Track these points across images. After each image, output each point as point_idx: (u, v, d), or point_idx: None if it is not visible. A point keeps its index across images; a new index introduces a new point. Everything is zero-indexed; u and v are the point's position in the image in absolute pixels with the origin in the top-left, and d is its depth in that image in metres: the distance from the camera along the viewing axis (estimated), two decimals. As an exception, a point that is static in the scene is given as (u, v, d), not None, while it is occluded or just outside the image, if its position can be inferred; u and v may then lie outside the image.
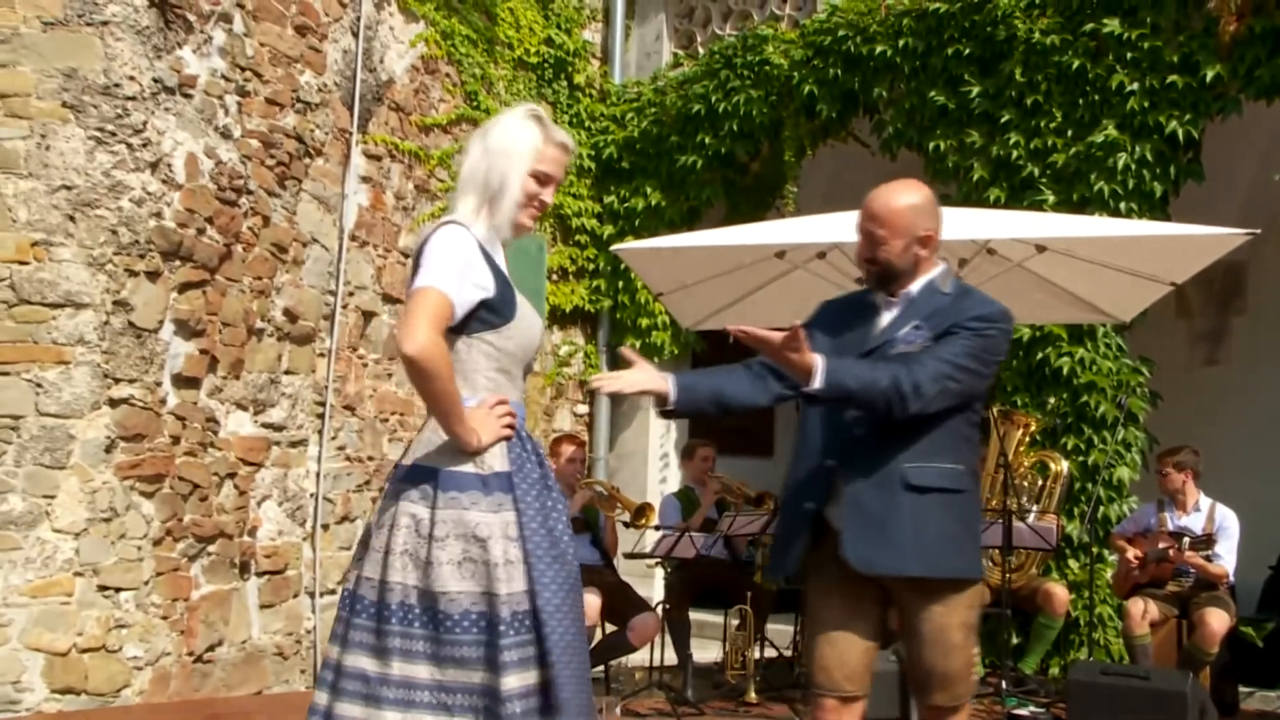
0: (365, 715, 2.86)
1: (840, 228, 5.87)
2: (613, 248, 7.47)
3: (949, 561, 3.28)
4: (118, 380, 6.31)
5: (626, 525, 6.99)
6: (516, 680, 2.79)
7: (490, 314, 2.97)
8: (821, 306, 3.69)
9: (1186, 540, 6.50)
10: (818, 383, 3.17)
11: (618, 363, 9.09)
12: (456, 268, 2.89)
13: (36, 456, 6.10)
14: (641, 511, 6.91)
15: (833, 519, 3.31)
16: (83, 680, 6.12)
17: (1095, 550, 7.29)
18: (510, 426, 2.96)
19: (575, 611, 2.93)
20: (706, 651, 7.50)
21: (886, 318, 3.47)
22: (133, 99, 6.35)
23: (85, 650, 6.15)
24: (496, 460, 2.92)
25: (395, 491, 2.97)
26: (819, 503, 3.36)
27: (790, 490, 3.49)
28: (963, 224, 6.06)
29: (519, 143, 2.98)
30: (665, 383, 3.32)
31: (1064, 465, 7.15)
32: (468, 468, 2.90)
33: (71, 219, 6.19)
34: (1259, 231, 6.03)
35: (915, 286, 3.46)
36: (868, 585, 3.32)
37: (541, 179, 2.98)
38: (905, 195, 3.43)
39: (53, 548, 6.11)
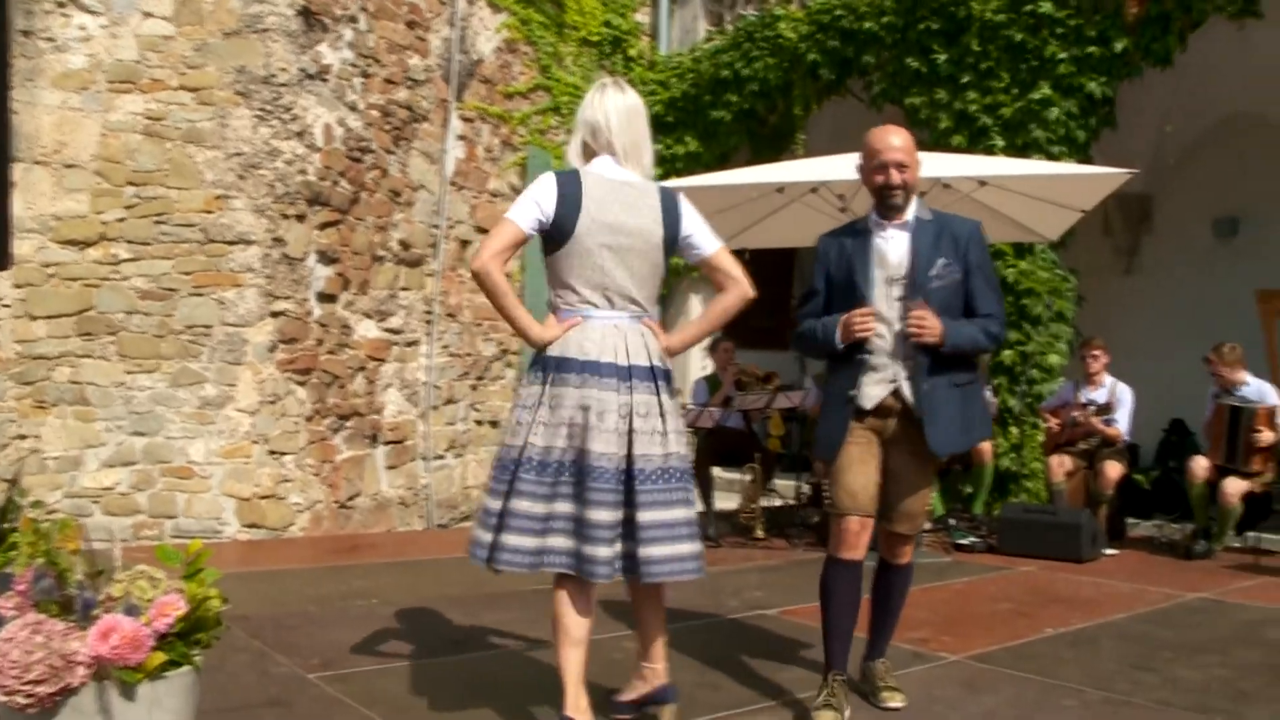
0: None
1: (824, 168, 6.57)
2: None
3: (970, 435, 3.64)
4: (276, 298, 7.25)
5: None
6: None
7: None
8: (823, 240, 3.72)
9: (1092, 409, 7.20)
10: (946, 347, 3.41)
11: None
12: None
13: (223, 355, 7.11)
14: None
15: (917, 410, 3.46)
16: (262, 518, 7.13)
17: (1029, 419, 8.06)
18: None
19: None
20: (727, 501, 8.22)
21: (899, 245, 3.51)
22: (284, 85, 7.26)
23: (262, 497, 7.14)
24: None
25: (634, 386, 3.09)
26: (858, 396, 3.50)
27: (834, 392, 3.58)
28: (922, 164, 6.82)
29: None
30: None
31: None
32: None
33: (242, 178, 7.14)
34: (1137, 170, 6.71)
35: (910, 214, 3.52)
36: (875, 435, 3.54)
37: None
38: (906, 132, 3.53)
39: (236, 422, 7.13)
